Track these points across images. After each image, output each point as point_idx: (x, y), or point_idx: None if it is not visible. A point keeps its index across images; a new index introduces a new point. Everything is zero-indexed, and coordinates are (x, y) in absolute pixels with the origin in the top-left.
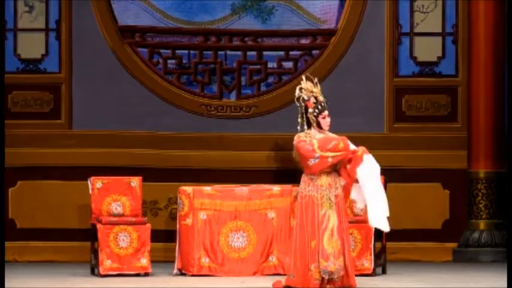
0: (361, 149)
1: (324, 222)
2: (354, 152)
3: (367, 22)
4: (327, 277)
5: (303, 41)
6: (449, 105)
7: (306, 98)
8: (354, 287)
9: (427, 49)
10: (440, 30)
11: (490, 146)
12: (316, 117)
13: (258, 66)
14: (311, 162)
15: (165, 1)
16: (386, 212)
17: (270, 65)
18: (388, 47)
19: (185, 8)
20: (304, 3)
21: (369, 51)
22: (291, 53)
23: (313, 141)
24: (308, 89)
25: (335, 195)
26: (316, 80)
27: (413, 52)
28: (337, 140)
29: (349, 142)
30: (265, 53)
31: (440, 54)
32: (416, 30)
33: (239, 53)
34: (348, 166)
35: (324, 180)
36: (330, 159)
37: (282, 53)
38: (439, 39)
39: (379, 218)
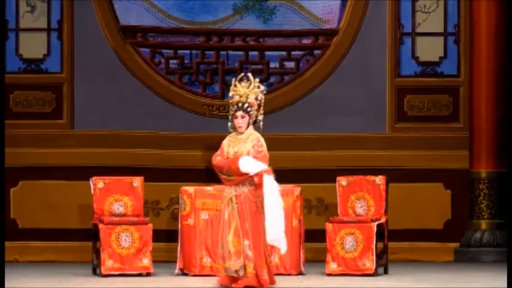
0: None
1: (227, 222)
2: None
3: (368, 22)
4: (231, 275)
5: (305, 41)
6: (451, 105)
7: (230, 95)
8: (265, 286)
9: (429, 49)
10: (442, 30)
11: (491, 146)
12: (232, 116)
13: (260, 66)
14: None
15: (167, 1)
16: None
17: (271, 65)
18: (389, 47)
19: (187, 8)
20: (305, 3)
21: (371, 51)
22: (292, 53)
23: (220, 155)
24: (234, 87)
25: (236, 195)
26: (253, 80)
27: (415, 52)
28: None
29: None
30: (267, 53)
31: (442, 54)
32: (418, 30)
33: (241, 53)
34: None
35: None
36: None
37: (283, 53)
38: (441, 39)
39: (278, 236)
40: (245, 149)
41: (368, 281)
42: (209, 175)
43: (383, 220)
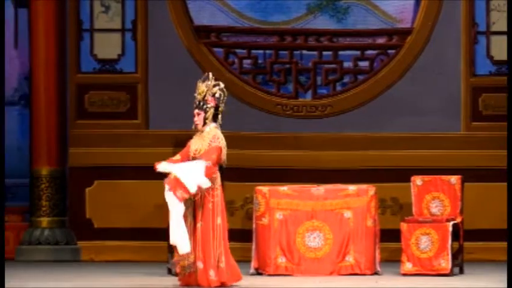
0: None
1: (188, 221)
2: None
3: (443, 21)
4: (183, 271)
5: (379, 41)
6: None
7: (195, 95)
8: (212, 286)
9: (504, 48)
10: None
11: None
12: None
13: (334, 66)
14: None
15: (240, 1)
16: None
17: (345, 64)
18: (464, 46)
19: (260, 7)
20: (379, 2)
21: (445, 51)
22: (366, 52)
23: (181, 153)
24: (197, 87)
25: (193, 194)
26: (211, 78)
27: (489, 51)
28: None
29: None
30: (340, 52)
31: None
32: (493, 29)
33: (314, 52)
34: None
35: None
36: None
37: (357, 52)
38: None
39: (175, 239)
40: (203, 147)
41: (443, 281)
42: (284, 175)
43: (458, 220)
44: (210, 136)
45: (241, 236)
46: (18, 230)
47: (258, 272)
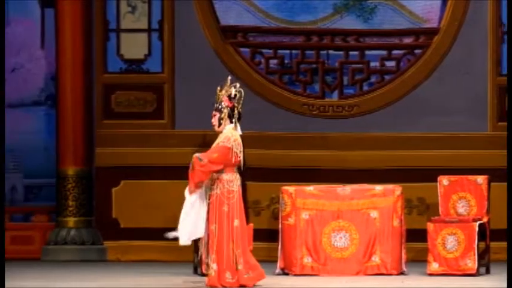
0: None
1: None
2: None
3: (469, 21)
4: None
5: (406, 40)
6: None
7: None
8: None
9: None
10: None
11: None
12: None
13: (360, 66)
14: None
15: (267, 1)
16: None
17: (372, 64)
18: (491, 46)
19: (287, 7)
20: (406, 2)
21: (472, 50)
22: (393, 52)
23: None
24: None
25: (209, 195)
26: (228, 82)
27: None
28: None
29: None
30: (367, 52)
31: None
32: None
33: (341, 52)
34: None
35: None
36: None
37: (384, 52)
38: None
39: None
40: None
41: (470, 281)
42: (310, 175)
43: (485, 220)
44: (222, 137)
45: (267, 236)
46: (45, 230)
47: (284, 272)
